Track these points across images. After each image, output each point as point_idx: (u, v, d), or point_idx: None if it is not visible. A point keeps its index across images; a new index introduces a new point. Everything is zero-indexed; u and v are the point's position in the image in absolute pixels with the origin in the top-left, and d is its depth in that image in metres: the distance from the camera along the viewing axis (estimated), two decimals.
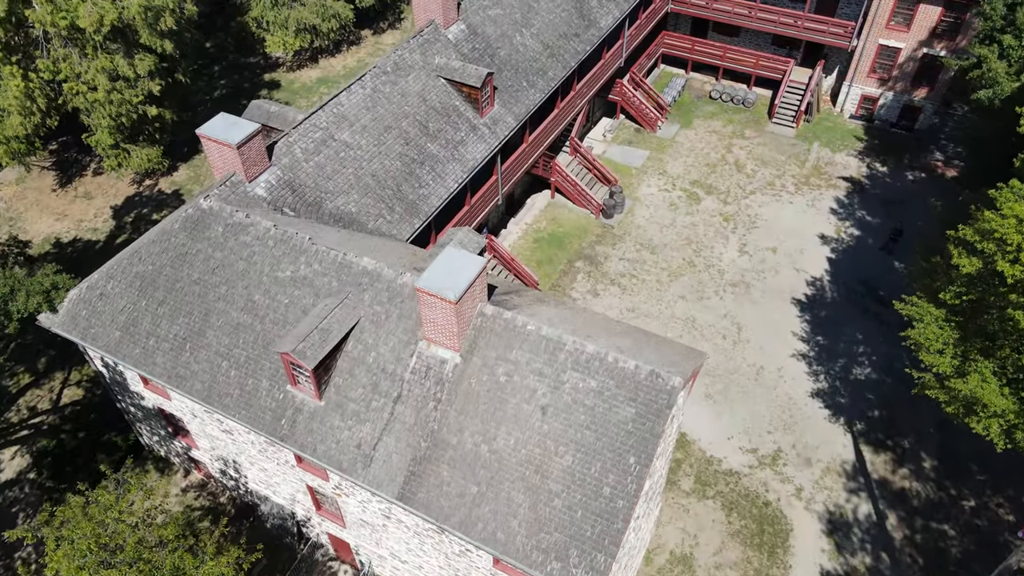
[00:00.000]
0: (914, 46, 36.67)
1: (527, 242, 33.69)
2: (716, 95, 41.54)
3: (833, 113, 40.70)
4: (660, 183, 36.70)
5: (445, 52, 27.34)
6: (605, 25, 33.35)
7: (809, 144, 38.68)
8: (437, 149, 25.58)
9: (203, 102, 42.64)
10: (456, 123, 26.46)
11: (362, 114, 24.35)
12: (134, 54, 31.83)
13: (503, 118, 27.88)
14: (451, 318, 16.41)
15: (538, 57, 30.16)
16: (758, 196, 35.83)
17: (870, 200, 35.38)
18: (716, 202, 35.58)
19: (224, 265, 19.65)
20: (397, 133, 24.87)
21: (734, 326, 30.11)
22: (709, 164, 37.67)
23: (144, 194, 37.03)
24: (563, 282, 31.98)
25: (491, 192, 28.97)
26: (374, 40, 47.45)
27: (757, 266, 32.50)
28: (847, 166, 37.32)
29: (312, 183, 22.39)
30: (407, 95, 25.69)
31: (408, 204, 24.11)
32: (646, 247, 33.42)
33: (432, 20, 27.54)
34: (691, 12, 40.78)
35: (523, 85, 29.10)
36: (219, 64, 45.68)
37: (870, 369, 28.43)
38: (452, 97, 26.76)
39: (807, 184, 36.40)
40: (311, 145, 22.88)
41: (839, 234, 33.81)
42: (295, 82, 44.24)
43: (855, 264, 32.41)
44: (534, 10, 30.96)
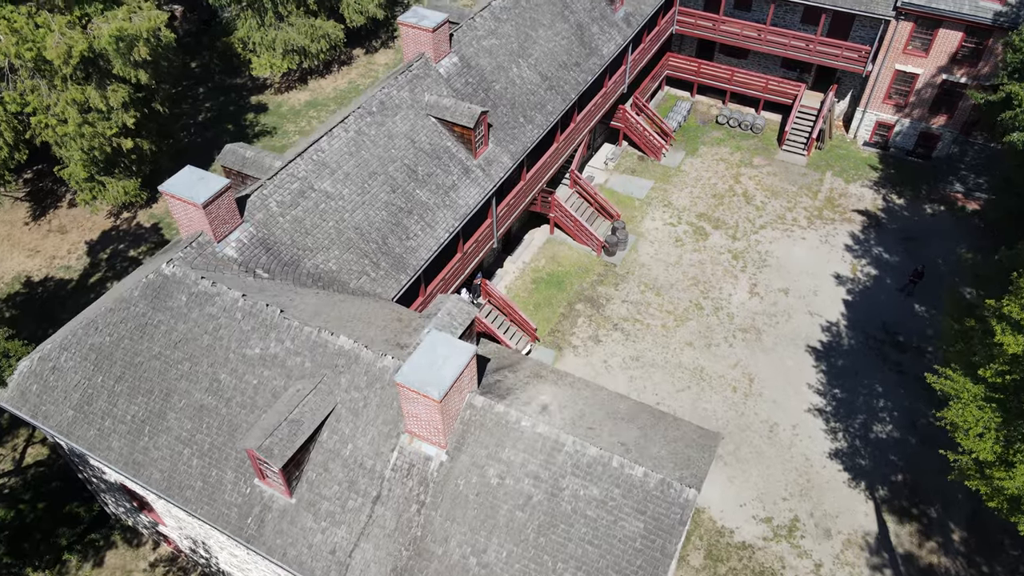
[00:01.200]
0: (933, 72, 34.79)
1: (525, 283, 31.80)
2: (723, 120, 39.66)
3: (846, 140, 38.81)
4: (665, 216, 34.81)
5: (436, 88, 25.46)
6: (607, 53, 31.47)
7: (821, 174, 36.79)
8: (427, 195, 23.69)
9: (187, 127, 40.77)
10: (447, 166, 24.58)
11: (344, 160, 22.46)
12: (107, 85, 29.97)
13: (498, 158, 25.99)
14: (435, 415, 14.52)
15: (536, 90, 28.27)
16: (768, 231, 33.93)
17: (887, 236, 33.48)
18: (724, 237, 33.69)
19: (187, 339, 17.77)
20: (383, 180, 22.99)
21: (745, 377, 28.22)
22: (716, 195, 35.78)
23: (121, 228, 35.14)
24: (563, 327, 30.09)
25: (486, 236, 27.09)
26: (366, 60, 45.58)
27: (769, 309, 30.61)
28: (862, 198, 35.43)
29: (289, 240, 20.49)
30: (394, 137, 23.80)
31: (394, 258, 22.22)
32: (651, 288, 31.53)
33: (422, 54, 25.67)
34: (697, 34, 38.90)
35: (520, 121, 27.21)
36: (204, 85, 43.80)
37: (891, 426, 26.53)
38: (443, 137, 24.88)
39: (820, 218, 34.51)
40: (288, 197, 21.00)
41: (855, 273, 31.92)
42: (283, 105, 42.36)
43: (873, 307, 30.52)
44: (532, 39, 29.09)
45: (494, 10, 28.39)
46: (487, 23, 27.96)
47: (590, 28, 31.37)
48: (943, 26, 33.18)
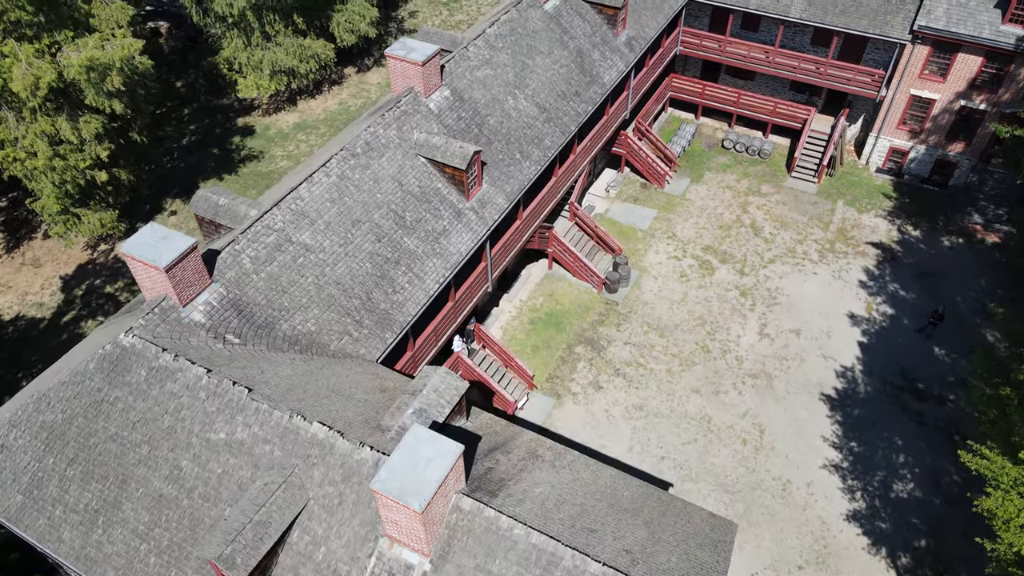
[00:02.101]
0: (950, 98, 33.13)
1: (522, 323, 30.12)
2: (729, 144, 37.99)
3: (858, 166, 37.15)
4: (669, 249, 33.13)
5: (426, 125, 23.79)
6: (609, 80, 29.79)
7: (833, 203, 35.12)
8: (415, 244, 22.01)
9: (170, 151, 39.10)
10: (438, 210, 22.91)
11: (326, 208, 20.78)
12: (79, 116, 28.28)
13: (493, 199, 24.31)
14: (417, 525, 12.85)
15: (533, 123, 26.61)
16: (778, 265, 32.26)
17: (903, 271, 31.80)
18: (731, 272, 32.01)
19: (147, 419, 16.09)
20: (368, 228, 21.30)
21: (755, 428, 26.54)
22: (723, 226, 34.11)
23: (98, 262, 33.45)
24: (562, 372, 28.40)
25: (480, 280, 25.41)
26: (358, 79, 43.90)
27: (779, 352, 28.93)
28: (875, 229, 33.76)
29: (263, 299, 18.81)
30: (380, 180, 22.13)
31: (379, 315, 20.53)
32: (654, 328, 29.85)
33: (411, 88, 23.99)
34: (702, 55, 37.25)
35: (516, 157, 25.54)
36: (190, 106, 42.12)
37: (913, 485, 24.86)
38: (433, 179, 23.20)
39: (832, 251, 32.83)
40: (263, 252, 19.31)
41: (870, 312, 30.24)
42: (271, 127, 40.69)
43: (890, 350, 28.85)
44: (529, 68, 27.41)
45: (489, 38, 26.73)
46: (481, 52, 26.29)
47: (590, 54, 29.70)
48: (962, 51, 31.53)
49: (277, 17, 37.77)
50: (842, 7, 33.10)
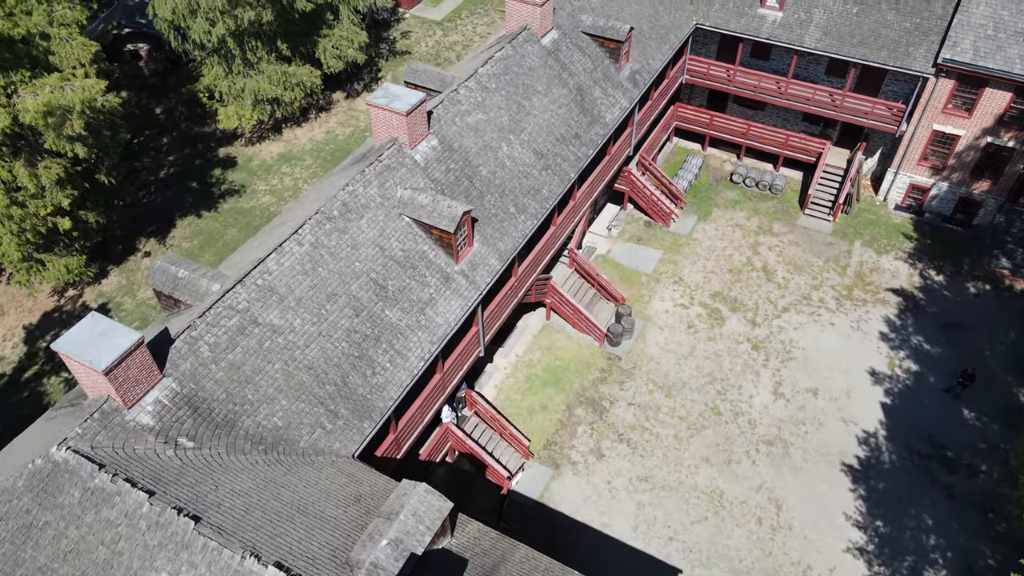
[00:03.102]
0: (976, 134, 30.99)
1: (518, 381, 27.96)
2: (738, 179, 35.83)
3: (875, 202, 34.99)
4: (676, 296, 30.98)
5: (411, 179, 21.65)
6: (611, 120, 27.66)
7: (849, 243, 32.96)
8: (398, 316, 19.86)
9: (146, 184, 36.96)
10: (424, 276, 20.76)
11: (297, 282, 18.63)
12: (37, 161, 26.15)
13: (485, 260, 22.17)
14: None
15: (530, 171, 24.46)
16: (792, 315, 30.11)
17: (927, 321, 29.67)
18: (742, 322, 29.87)
19: (80, 550, 13.94)
20: (345, 301, 19.16)
21: (772, 504, 24.40)
22: (733, 269, 31.96)
23: (65, 309, 31.30)
24: (561, 437, 26.26)
25: (471, 345, 23.26)
26: (347, 106, 41.75)
27: (796, 415, 26.79)
28: (896, 273, 31.60)
29: (223, 393, 16.67)
30: (359, 246, 19.98)
31: (357, 402, 18.38)
32: (660, 387, 27.71)
33: (395, 139, 21.85)
34: (709, 85, 35.10)
35: (510, 211, 23.40)
36: (169, 134, 39.98)
37: (945, 571, 22.71)
38: (419, 241, 21.06)
39: (850, 298, 30.68)
40: (223, 337, 17.17)
41: (892, 369, 28.10)
42: (254, 158, 38.54)
43: (915, 412, 26.72)
44: (525, 110, 25.27)
45: (481, 79, 24.58)
46: (473, 95, 24.14)
47: (591, 92, 27.55)
48: (990, 85, 29.38)
49: (259, 44, 35.65)
50: (860, 37, 30.96)
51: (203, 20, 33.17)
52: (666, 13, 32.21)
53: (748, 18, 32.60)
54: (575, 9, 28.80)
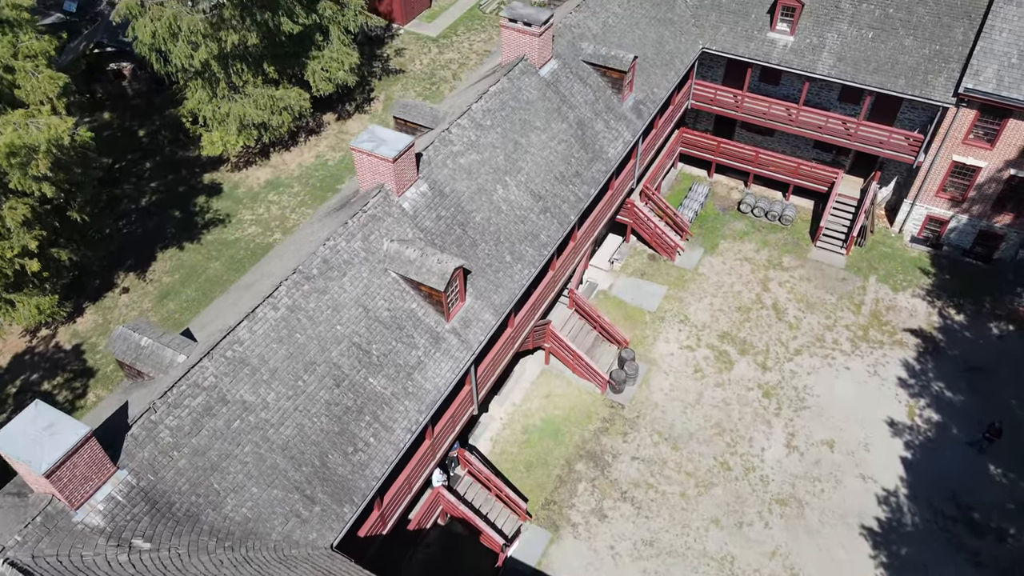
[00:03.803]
0: (999, 166, 29.36)
1: (514, 433, 26.33)
2: (746, 208, 34.19)
3: (890, 234, 33.36)
4: (681, 336, 29.35)
5: (398, 229, 20.02)
6: (614, 155, 26.04)
7: (864, 279, 31.33)
8: (383, 384, 18.23)
9: (127, 213, 35.32)
10: (412, 337, 19.13)
11: (271, 351, 17.01)
12: (2, 202, 24.52)
13: (478, 315, 20.54)
14: None
15: (527, 215, 22.83)
16: (805, 358, 28.49)
17: (947, 365, 28.05)
18: (752, 366, 28.25)
19: None
20: (324, 371, 17.53)
21: (787, 572, 22.77)
22: (741, 307, 30.33)
23: (37, 350, 29.67)
24: (560, 496, 24.63)
25: (463, 406, 21.64)
26: (338, 128, 40.12)
27: (811, 470, 25.17)
28: (914, 312, 29.98)
29: (185, 484, 15.04)
30: (341, 307, 18.35)
31: (336, 484, 16.76)
32: (666, 438, 26.08)
33: (381, 185, 20.23)
34: (716, 110, 33.49)
35: (506, 260, 21.77)
36: (153, 159, 38.34)
37: None
38: (407, 298, 19.44)
39: (866, 339, 29.05)
40: (187, 420, 15.53)
41: (912, 419, 26.49)
42: (239, 185, 36.91)
43: (937, 468, 25.10)
44: (522, 148, 23.64)
45: (475, 115, 22.95)
46: (466, 133, 22.52)
47: (593, 125, 25.93)
48: (1014, 116, 27.77)
49: (245, 66, 34.02)
50: (876, 64, 29.33)
51: (185, 44, 31.54)
52: (671, 38, 30.59)
53: (757, 42, 30.99)
54: (575, 36, 27.19)
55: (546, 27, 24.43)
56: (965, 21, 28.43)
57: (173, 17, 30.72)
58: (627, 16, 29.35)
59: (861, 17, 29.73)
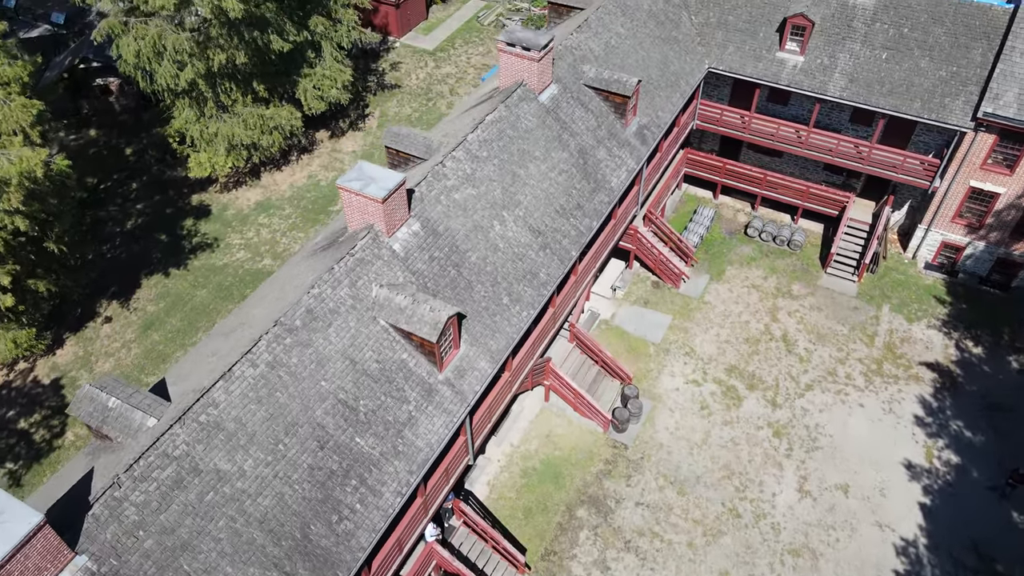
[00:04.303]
0: (1018, 192, 28.14)
1: (512, 476, 25.07)
2: (753, 232, 32.94)
3: (904, 260, 32.11)
4: (687, 370, 28.11)
5: (388, 273, 18.78)
6: (617, 184, 24.81)
7: (877, 308, 30.09)
8: (371, 444, 16.99)
9: (111, 237, 34.07)
10: (402, 390, 17.89)
11: (249, 413, 15.76)
12: None
13: (474, 363, 19.30)
14: None
15: (525, 253, 21.59)
16: (817, 393, 27.25)
17: (966, 403, 26.81)
18: (762, 403, 27.01)
19: None
20: (307, 432, 16.28)
21: None
22: (749, 339, 29.09)
23: (14, 385, 28.42)
24: (560, 545, 23.39)
25: (458, 458, 20.39)
26: (331, 146, 38.87)
27: (825, 518, 23.92)
28: (930, 344, 28.74)
29: (152, 567, 13.77)
30: (326, 361, 17.11)
31: (319, 558, 15.51)
32: (672, 482, 24.84)
33: (370, 226, 18.99)
34: (722, 131, 32.26)
35: (503, 302, 20.52)
36: (139, 178, 37.09)
37: None
38: (396, 347, 18.19)
39: (880, 374, 27.81)
40: (155, 494, 14.27)
41: (930, 461, 25.25)
42: (228, 207, 35.66)
43: (958, 514, 23.86)
44: (521, 180, 22.39)
45: (470, 147, 21.71)
46: (461, 167, 21.27)
47: (595, 153, 24.70)
48: None
49: (233, 85, 32.77)
50: (890, 86, 28.10)
51: (170, 63, 30.33)
52: (676, 58, 29.36)
53: (766, 62, 29.75)
54: (576, 59, 25.95)
55: (546, 51, 23.19)
56: (984, 42, 27.21)
57: (158, 36, 29.54)
58: (630, 36, 28.12)
59: (874, 37, 28.51)
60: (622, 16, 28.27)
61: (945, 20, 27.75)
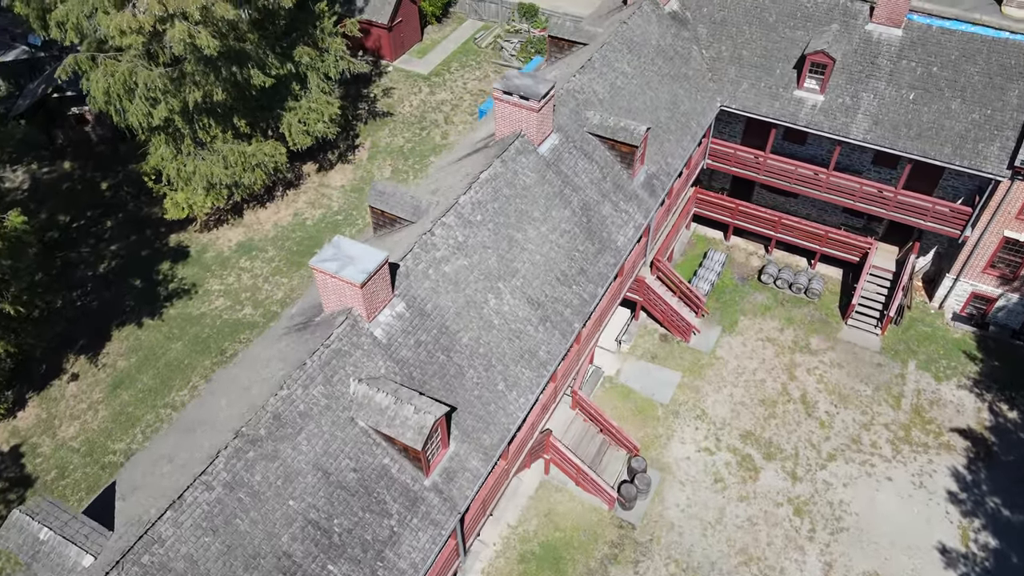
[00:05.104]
0: None
1: (508, 562, 22.90)
2: (767, 279, 30.79)
3: (930, 310, 29.96)
4: (698, 436, 25.98)
5: (369, 363, 16.63)
6: (624, 242, 22.68)
7: (902, 365, 27.95)
8: (346, 570, 14.83)
9: (83, 282, 31.92)
10: (383, 502, 15.73)
11: (203, 548, 13.60)
12: None
13: (465, 464, 17.15)
14: None
15: (524, 328, 19.44)
16: (840, 464, 25.12)
17: (1003, 475, 24.67)
18: (781, 475, 24.87)
19: None
20: (271, 563, 14.11)
21: None
22: (765, 400, 26.96)
23: None
24: None
25: (448, 562, 18.22)
26: (319, 180, 36.72)
27: None
28: (961, 407, 26.60)
29: None
30: (295, 475, 14.95)
31: None
32: (684, 569, 22.68)
33: (348, 310, 16.85)
34: (735, 171, 30.14)
35: (498, 389, 18.38)
36: (115, 216, 34.95)
37: None
38: (376, 452, 16.04)
39: (908, 441, 25.68)
40: None
41: (966, 544, 23.11)
42: (208, 248, 33.50)
43: None
44: (518, 245, 20.24)
45: (462, 210, 19.56)
46: (452, 234, 19.13)
47: (600, 209, 22.55)
48: None
49: (212, 121, 30.66)
50: (918, 129, 25.97)
51: (142, 101, 28.20)
52: (686, 97, 27.23)
53: (783, 101, 27.62)
54: (579, 103, 23.83)
55: (546, 100, 21.05)
56: (1021, 83, 25.08)
57: (128, 72, 27.45)
58: (637, 75, 25.98)
59: (901, 76, 26.38)
60: (628, 53, 26.14)
61: (978, 58, 25.62)
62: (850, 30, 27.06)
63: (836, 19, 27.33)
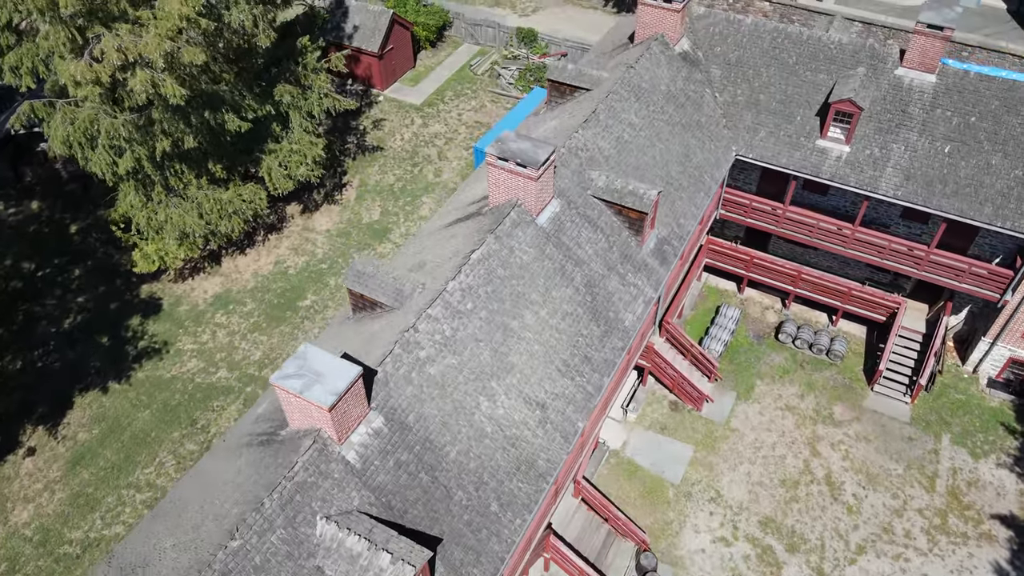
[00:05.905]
0: None
1: None
2: (786, 337, 28.45)
3: (963, 374, 27.62)
4: (714, 523, 23.61)
5: (340, 496, 14.25)
6: (633, 320, 20.30)
7: (936, 439, 25.60)
8: None
9: (45, 339, 29.54)
10: None
11: None
12: None
13: None
14: None
15: (521, 434, 17.07)
16: (871, 558, 22.74)
17: None
18: (805, 571, 22.50)
19: None
20: None
21: None
22: (786, 481, 24.61)
23: None
24: None
25: None
26: (303, 223, 34.34)
27: None
28: (1001, 489, 24.25)
29: None
30: None
31: None
32: None
33: (316, 431, 14.47)
34: (751, 223, 27.81)
35: (491, 510, 16.00)
36: (83, 263, 32.57)
37: None
38: None
39: (944, 530, 23.32)
40: None
41: None
42: (182, 301, 31.11)
43: None
44: (515, 335, 17.86)
45: (451, 299, 17.19)
46: (439, 328, 16.76)
47: (606, 284, 20.18)
48: None
49: (185, 167, 28.30)
50: (955, 186, 23.63)
51: (105, 150, 25.87)
52: (699, 147, 24.88)
53: (804, 152, 25.27)
54: (583, 162, 21.47)
55: (546, 167, 18.69)
56: None
57: (89, 120, 25.10)
58: (646, 126, 23.63)
59: (935, 126, 24.03)
60: (636, 102, 23.79)
61: (1021, 109, 23.28)
62: (878, 75, 24.72)
63: (863, 62, 25.00)
